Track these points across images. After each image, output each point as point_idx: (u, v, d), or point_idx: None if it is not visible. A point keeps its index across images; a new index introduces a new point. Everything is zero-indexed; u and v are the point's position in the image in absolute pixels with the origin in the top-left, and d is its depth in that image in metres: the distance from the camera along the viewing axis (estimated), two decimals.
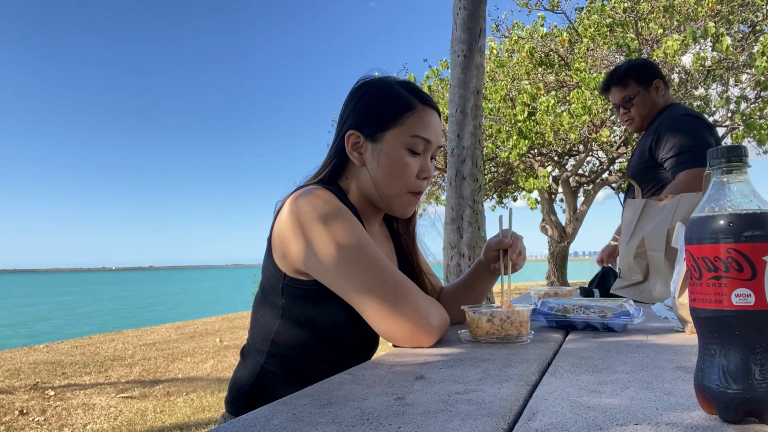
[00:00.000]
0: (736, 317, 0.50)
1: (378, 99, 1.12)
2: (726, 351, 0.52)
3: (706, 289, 0.52)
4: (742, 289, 0.50)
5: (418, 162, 1.11)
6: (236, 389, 1.13)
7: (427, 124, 1.10)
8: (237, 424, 0.58)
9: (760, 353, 0.50)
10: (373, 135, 1.10)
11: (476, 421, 0.56)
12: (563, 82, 10.51)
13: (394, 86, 1.14)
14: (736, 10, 9.26)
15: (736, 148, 0.53)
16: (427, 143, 1.10)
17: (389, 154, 1.09)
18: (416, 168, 1.10)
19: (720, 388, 0.52)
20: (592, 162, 13.50)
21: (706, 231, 0.52)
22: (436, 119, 1.14)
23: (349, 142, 1.11)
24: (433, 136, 1.12)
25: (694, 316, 0.55)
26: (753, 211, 0.50)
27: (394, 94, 1.12)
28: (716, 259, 0.51)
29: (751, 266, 0.49)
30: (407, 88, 1.14)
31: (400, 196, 1.11)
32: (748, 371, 0.50)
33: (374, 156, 1.10)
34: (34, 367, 5.69)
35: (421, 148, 1.10)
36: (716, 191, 0.54)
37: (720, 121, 10.96)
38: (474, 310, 1.06)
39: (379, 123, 1.10)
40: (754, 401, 0.50)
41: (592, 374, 0.75)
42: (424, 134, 1.10)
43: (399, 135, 1.09)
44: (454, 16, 3.75)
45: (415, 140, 1.09)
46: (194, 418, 3.69)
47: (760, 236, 0.49)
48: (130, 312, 18.82)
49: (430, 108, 1.13)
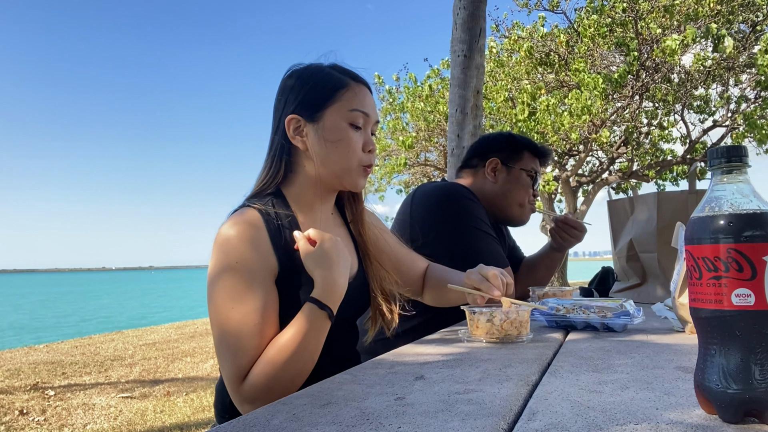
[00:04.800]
0: (736, 317, 0.50)
1: (311, 81, 1.14)
2: (726, 351, 0.52)
3: (706, 289, 0.52)
4: (742, 289, 0.50)
5: (361, 136, 1.13)
6: (220, 402, 1.15)
7: (362, 99, 1.13)
8: (237, 424, 0.58)
9: (760, 353, 0.50)
10: (312, 116, 1.11)
11: (476, 421, 0.56)
12: (563, 82, 10.51)
13: (324, 68, 1.16)
14: (737, 10, 9.26)
15: (737, 148, 0.53)
16: (366, 116, 1.13)
17: (333, 130, 1.10)
18: (360, 142, 1.12)
19: (720, 387, 0.52)
20: (591, 162, 13.50)
21: (706, 231, 0.52)
22: (369, 95, 1.17)
23: (290, 127, 1.11)
24: (371, 110, 1.14)
25: (694, 316, 0.55)
26: (753, 211, 0.50)
27: (326, 74, 1.15)
28: (716, 259, 0.51)
29: (751, 266, 0.50)
30: (338, 69, 1.17)
31: (351, 170, 1.12)
32: (748, 371, 0.50)
33: (318, 136, 1.10)
34: (34, 367, 5.69)
35: (362, 122, 1.12)
36: (716, 191, 0.54)
37: (720, 121, 10.96)
38: (474, 310, 1.06)
39: (317, 103, 1.11)
40: (754, 401, 0.50)
41: (592, 374, 0.75)
42: (362, 108, 1.12)
43: (339, 110, 1.11)
44: (454, 16, 3.75)
45: (355, 114, 1.11)
46: (194, 418, 3.69)
47: (760, 236, 0.49)
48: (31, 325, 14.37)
49: (362, 84, 1.16)
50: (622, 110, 10.73)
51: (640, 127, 11.07)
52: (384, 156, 13.08)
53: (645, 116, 11.23)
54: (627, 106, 10.49)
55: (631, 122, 10.72)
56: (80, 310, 20.87)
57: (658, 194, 1.83)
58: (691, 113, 11.24)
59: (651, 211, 1.82)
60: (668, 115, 11.12)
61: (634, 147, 11.05)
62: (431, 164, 13.23)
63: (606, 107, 9.78)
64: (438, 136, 11.87)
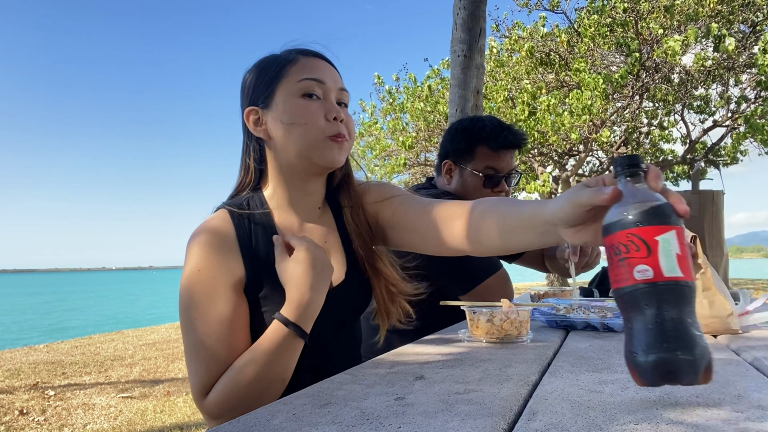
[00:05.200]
0: (640, 290, 0.59)
1: (259, 68, 1.07)
2: (638, 321, 0.60)
3: (618, 270, 0.61)
4: (642, 265, 0.59)
5: (320, 104, 1.02)
6: None
7: (313, 67, 1.04)
8: (237, 424, 0.58)
9: (665, 320, 0.58)
10: (265, 100, 1.04)
11: (476, 421, 0.56)
12: (563, 82, 10.51)
13: (273, 54, 1.09)
14: (737, 10, 9.25)
15: (634, 157, 0.66)
16: (321, 83, 1.02)
17: (285, 106, 1.01)
18: (320, 110, 1.01)
19: (638, 356, 0.59)
20: (592, 162, 13.50)
21: (614, 223, 0.62)
22: (325, 65, 1.06)
23: (250, 120, 1.05)
24: (327, 77, 1.04)
25: (615, 298, 0.63)
26: (648, 204, 0.61)
27: (274, 57, 1.08)
28: (620, 244, 0.61)
29: (646, 246, 0.59)
30: (288, 50, 1.09)
31: (317, 144, 1.00)
32: (658, 338, 0.58)
33: (275, 119, 1.02)
34: (34, 367, 5.69)
35: (318, 91, 1.02)
36: (621, 191, 0.65)
37: (720, 121, 10.96)
38: (474, 310, 1.06)
39: (266, 86, 1.04)
40: (667, 363, 0.57)
41: (592, 374, 0.75)
42: (312, 75, 1.02)
43: (288, 86, 1.02)
44: (454, 16, 3.75)
45: (305, 83, 1.01)
46: (194, 418, 3.69)
47: (652, 221, 0.60)
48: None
49: (314, 56, 1.07)
50: (622, 110, 10.73)
51: (640, 127, 11.07)
52: (384, 156, 13.08)
53: (645, 116, 11.23)
54: (627, 106, 10.50)
55: (631, 122, 10.73)
56: (87, 309, 20.79)
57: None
58: (691, 113, 11.25)
59: None
60: (668, 115, 11.13)
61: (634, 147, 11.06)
62: (431, 164, 13.23)
63: (606, 107, 9.78)
64: (438, 137, 11.87)
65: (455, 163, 1.73)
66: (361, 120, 13.92)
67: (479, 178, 1.68)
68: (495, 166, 1.68)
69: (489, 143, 1.67)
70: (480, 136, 1.68)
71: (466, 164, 1.70)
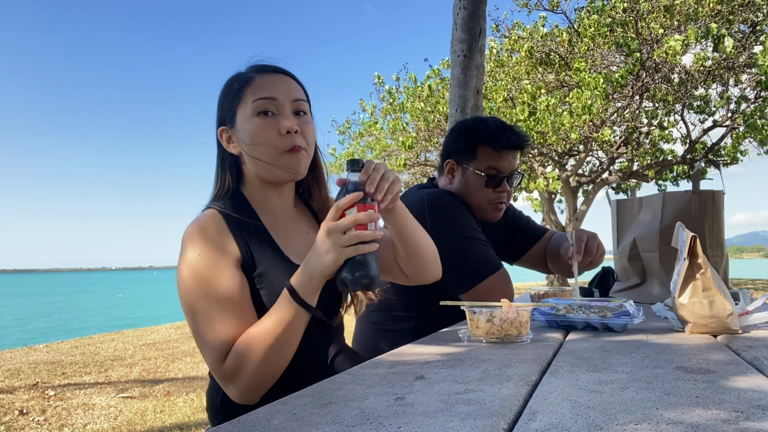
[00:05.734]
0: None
1: (225, 88, 1.17)
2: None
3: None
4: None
5: (274, 121, 1.10)
6: (211, 405, 1.17)
7: (265, 86, 1.12)
8: (237, 424, 0.58)
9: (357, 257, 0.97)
10: (231, 120, 1.14)
11: (476, 421, 0.56)
12: (563, 82, 10.51)
13: (238, 73, 1.18)
14: (737, 10, 9.25)
15: (356, 162, 1.02)
16: (273, 100, 1.11)
17: (244, 126, 1.11)
18: (274, 127, 1.10)
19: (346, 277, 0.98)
20: (592, 162, 13.50)
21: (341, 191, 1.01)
22: (277, 78, 1.15)
23: (223, 138, 1.16)
24: (278, 92, 1.12)
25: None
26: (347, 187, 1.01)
27: (235, 78, 1.16)
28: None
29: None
30: (250, 68, 1.17)
31: (276, 158, 1.10)
32: (354, 269, 0.97)
33: (239, 137, 1.13)
34: (34, 367, 5.69)
35: (271, 108, 1.11)
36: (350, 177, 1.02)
37: (720, 121, 10.96)
38: (474, 310, 1.06)
39: (229, 108, 1.14)
40: (363, 277, 0.97)
41: (592, 374, 0.75)
42: (264, 94, 1.11)
43: (245, 107, 1.11)
44: (454, 16, 3.75)
45: (258, 103, 1.10)
46: (194, 418, 3.69)
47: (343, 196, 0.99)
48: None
49: (268, 73, 1.15)
50: (622, 110, 10.73)
51: (640, 127, 11.07)
52: (384, 156, 13.08)
53: (645, 116, 11.23)
54: (627, 105, 10.49)
55: (631, 122, 10.72)
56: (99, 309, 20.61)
57: (664, 194, 1.83)
58: (691, 113, 11.24)
59: (656, 211, 1.82)
60: (668, 115, 11.12)
61: (634, 147, 11.05)
62: (431, 164, 13.23)
63: (606, 107, 9.77)
64: (438, 137, 11.87)
65: (457, 162, 1.73)
66: (361, 120, 13.92)
67: (481, 178, 1.68)
68: (497, 167, 1.69)
69: (491, 143, 1.68)
70: (483, 136, 1.69)
71: (469, 164, 1.70)
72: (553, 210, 13.38)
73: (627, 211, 1.99)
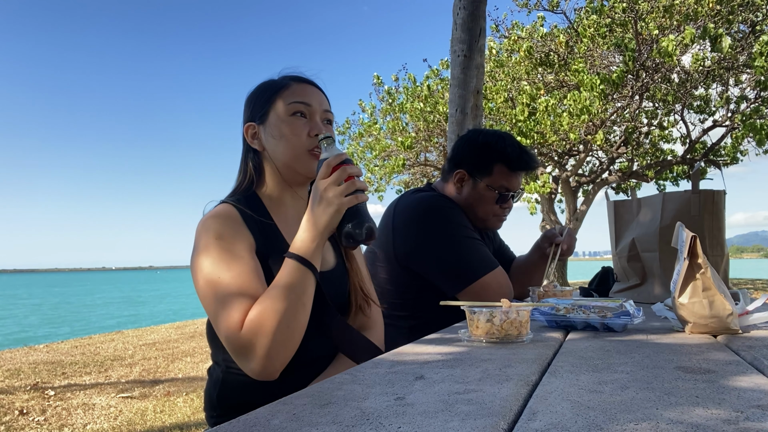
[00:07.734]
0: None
1: (259, 91, 1.27)
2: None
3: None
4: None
5: (306, 124, 1.21)
6: (209, 403, 1.19)
7: (302, 92, 1.23)
8: (237, 424, 0.58)
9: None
10: (261, 117, 1.23)
11: (476, 421, 0.56)
12: (563, 82, 10.51)
13: (272, 79, 1.28)
14: (736, 10, 9.25)
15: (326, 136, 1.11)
16: (307, 106, 1.21)
17: (276, 124, 1.21)
18: (305, 129, 1.20)
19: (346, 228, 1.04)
20: (591, 162, 13.50)
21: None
22: (312, 89, 1.25)
23: (248, 134, 1.25)
24: (313, 100, 1.23)
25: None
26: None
27: (271, 81, 1.27)
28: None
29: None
30: (283, 76, 1.28)
31: (300, 156, 1.19)
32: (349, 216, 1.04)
33: (268, 133, 1.22)
34: (34, 367, 5.69)
35: (304, 111, 1.21)
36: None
37: (720, 121, 10.96)
38: (474, 310, 1.06)
39: (262, 106, 1.24)
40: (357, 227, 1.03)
41: (592, 374, 0.75)
42: (300, 99, 1.21)
43: (280, 107, 1.21)
44: (454, 16, 3.75)
45: (294, 105, 1.21)
46: (194, 418, 3.69)
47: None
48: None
49: (304, 83, 1.26)
50: (622, 110, 10.73)
51: (640, 127, 11.07)
52: (384, 156, 13.07)
53: (645, 116, 11.23)
54: (627, 106, 10.49)
55: (631, 122, 10.72)
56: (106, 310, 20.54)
57: (664, 195, 1.82)
58: (691, 113, 11.24)
59: (655, 211, 1.82)
60: (668, 115, 11.13)
61: (634, 147, 11.05)
62: (431, 164, 13.23)
63: (606, 107, 9.77)
64: (438, 137, 11.87)
65: (470, 174, 1.75)
66: (360, 120, 13.92)
67: (493, 195, 1.73)
68: (508, 186, 1.74)
69: (509, 164, 1.73)
70: (501, 156, 1.72)
71: (482, 179, 1.73)
72: (553, 210, 13.38)
73: (625, 212, 1.99)
